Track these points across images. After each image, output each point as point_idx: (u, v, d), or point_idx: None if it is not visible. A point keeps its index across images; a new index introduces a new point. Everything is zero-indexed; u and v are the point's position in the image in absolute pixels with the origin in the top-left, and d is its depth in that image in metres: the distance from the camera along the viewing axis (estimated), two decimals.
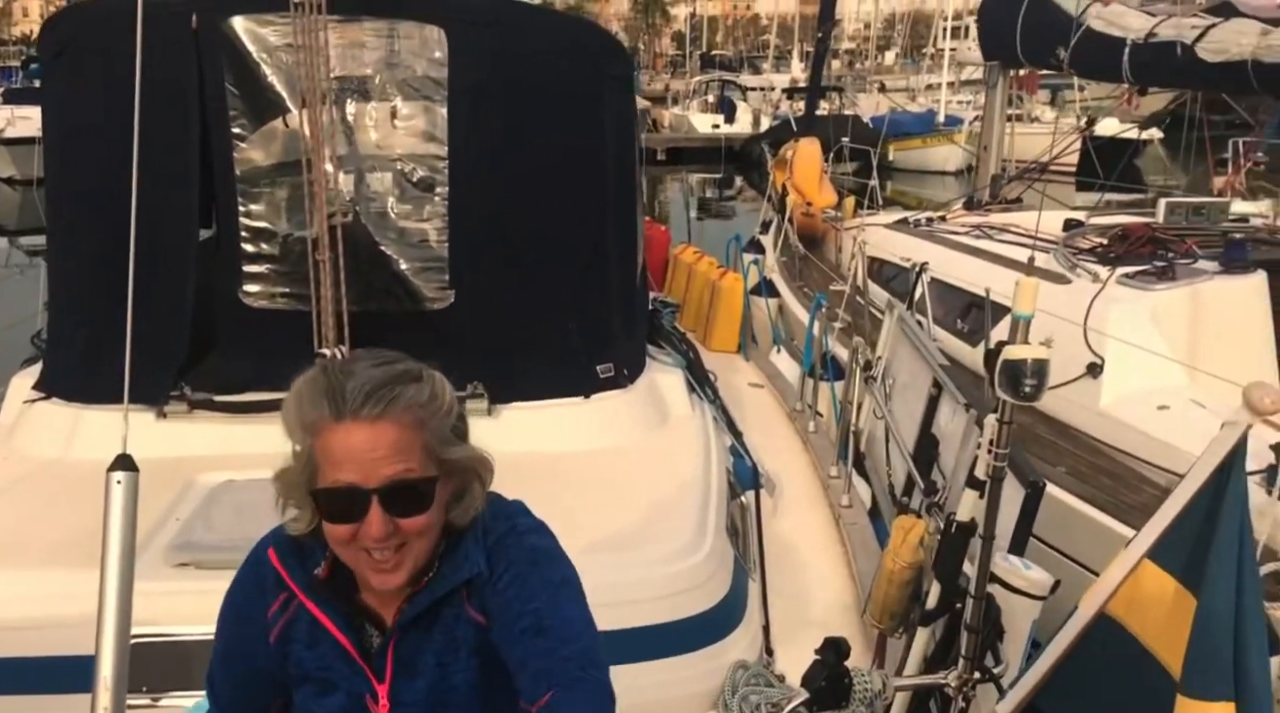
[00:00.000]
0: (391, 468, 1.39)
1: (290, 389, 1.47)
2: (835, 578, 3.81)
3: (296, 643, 1.55)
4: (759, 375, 6.33)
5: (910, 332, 4.08)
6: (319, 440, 1.41)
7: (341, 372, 1.43)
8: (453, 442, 1.47)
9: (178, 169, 3.56)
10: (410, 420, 1.40)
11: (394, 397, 1.39)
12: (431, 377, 1.47)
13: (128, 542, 1.75)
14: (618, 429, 3.73)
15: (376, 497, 1.38)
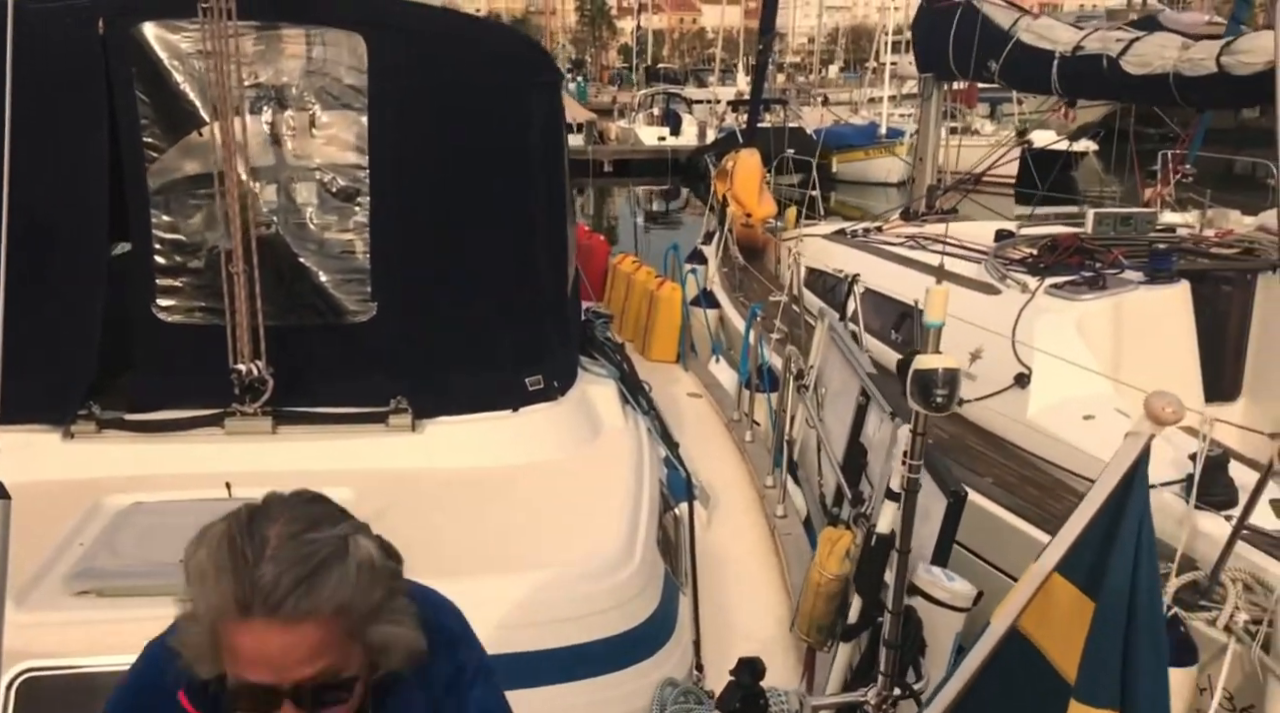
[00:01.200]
0: (308, 669, 1.24)
1: (193, 547, 1.29)
2: (769, 591, 3.78)
3: None
4: (697, 385, 6.31)
5: (839, 340, 4.08)
6: (225, 631, 1.24)
7: (252, 547, 1.22)
8: (379, 617, 1.31)
9: (85, 180, 3.44)
10: (331, 613, 1.23)
11: (315, 590, 1.21)
12: (355, 543, 1.28)
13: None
14: (547, 443, 3.68)
15: (290, 700, 1.25)
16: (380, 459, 3.43)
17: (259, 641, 1.21)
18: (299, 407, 3.50)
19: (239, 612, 1.21)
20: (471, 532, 3.10)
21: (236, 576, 1.20)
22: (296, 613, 1.19)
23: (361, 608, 1.26)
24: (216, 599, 1.23)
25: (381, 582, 1.30)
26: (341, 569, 1.24)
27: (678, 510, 3.92)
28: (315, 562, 1.22)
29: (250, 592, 1.19)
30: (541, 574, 2.92)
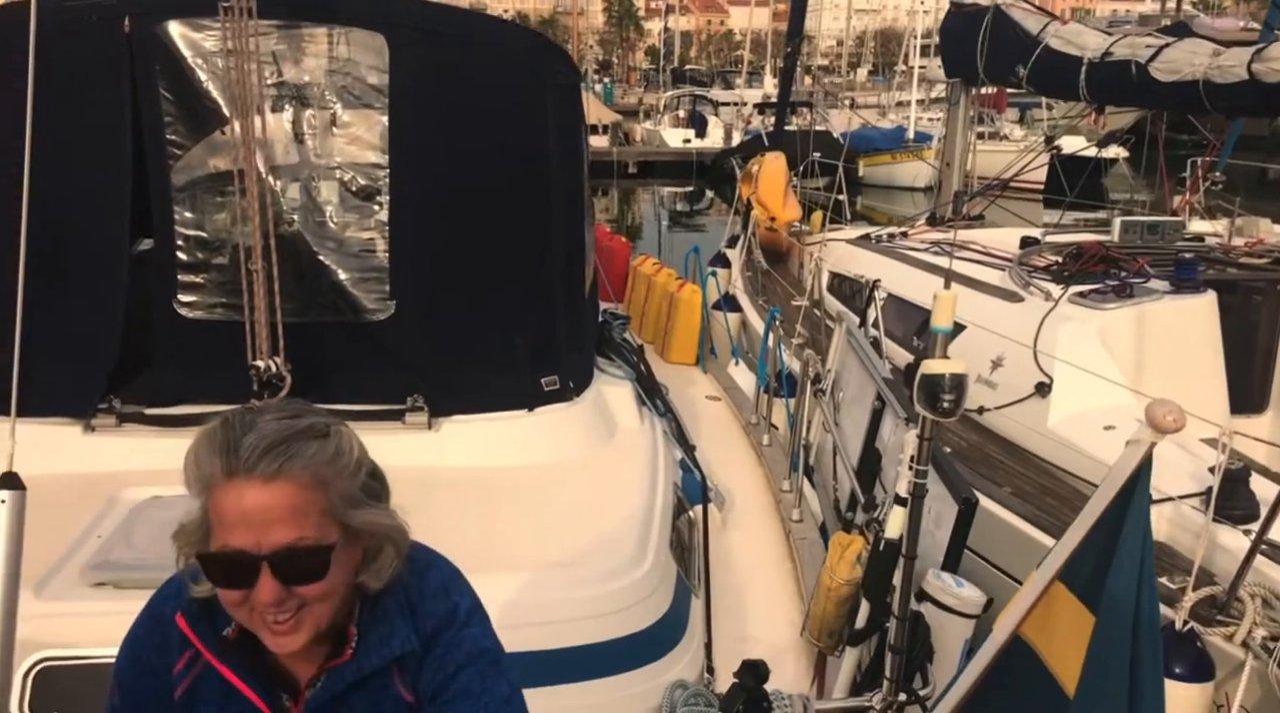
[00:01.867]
0: (285, 533, 1.29)
1: (190, 446, 1.36)
2: (783, 594, 3.76)
3: (205, 704, 1.45)
4: (716, 388, 6.29)
5: (856, 344, 4.06)
6: (212, 498, 1.31)
7: (240, 425, 1.31)
8: (360, 504, 1.36)
9: (108, 177, 3.48)
10: (309, 480, 1.30)
11: (292, 454, 1.28)
12: (339, 433, 1.36)
13: (12, 563, 1.67)
14: (562, 443, 3.68)
15: (267, 564, 1.29)
16: (397, 456, 3.39)
17: (238, 496, 1.27)
18: (316, 403, 3.52)
19: (224, 472, 1.28)
20: (485, 530, 3.12)
21: (225, 446, 1.28)
22: (271, 471, 1.26)
23: (340, 486, 1.32)
24: (206, 470, 1.29)
25: (362, 473, 1.36)
26: (320, 444, 1.31)
27: (692, 513, 3.91)
28: (296, 430, 1.31)
29: (234, 457, 1.27)
30: (554, 574, 2.92)
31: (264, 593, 1.29)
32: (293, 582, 1.30)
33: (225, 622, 1.41)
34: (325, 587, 1.33)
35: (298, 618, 1.32)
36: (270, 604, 1.30)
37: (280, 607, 1.31)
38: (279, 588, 1.29)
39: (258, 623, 1.34)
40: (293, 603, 1.31)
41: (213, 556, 1.31)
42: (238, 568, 1.30)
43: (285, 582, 1.30)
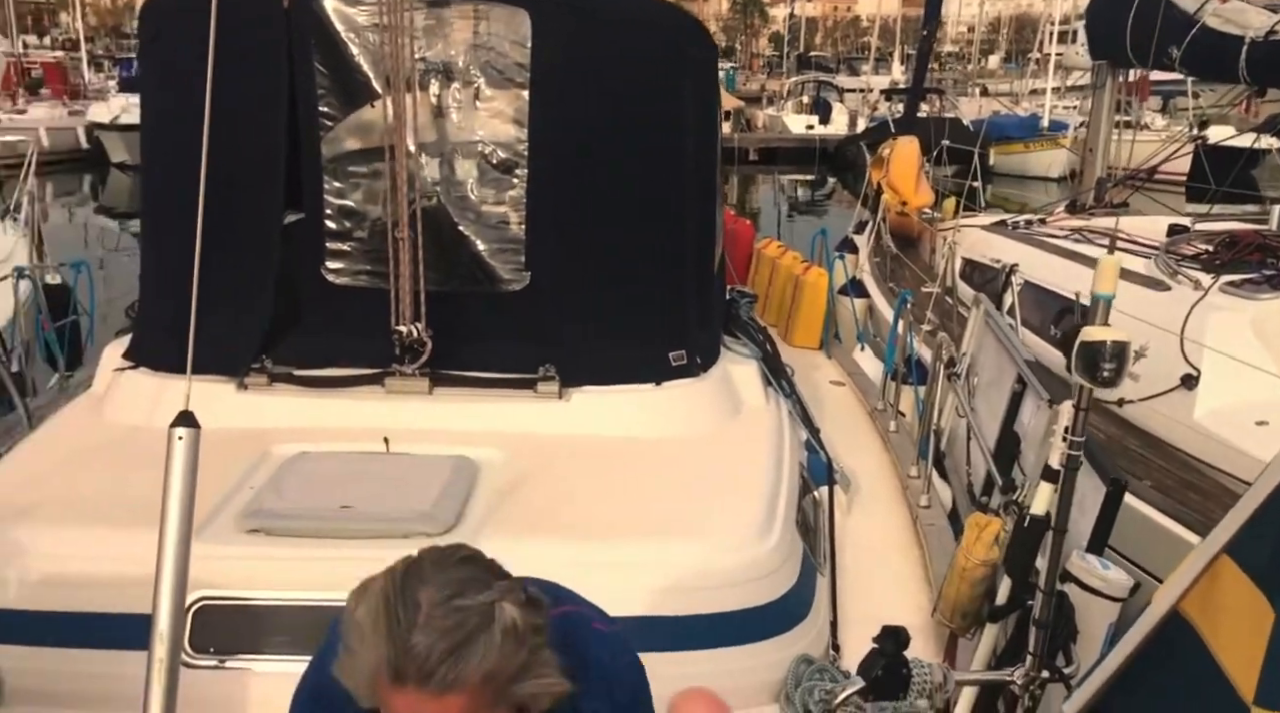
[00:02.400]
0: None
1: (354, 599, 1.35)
2: (909, 578, 3.71)
3: None
4: (841, 373, 6.22)
5: (995, 326, 3.96)
6: (379, 689, 1.32)
7: (405, 615, 1.29)
8: (526, 676, 1.35)
9: (265, 150, 3.65)
10: (479, 682, 1.29)
11: (463, 662, 1.27)
12: (502, 612, 1.32)
13: (187, 496, 1.77)
14: (689, 417, 3.70)
15: None
16: (528, 424, 3.53)
17: (411, 708, 1.29)
18: (454, 369, 3.63)
19: (392, 677, 1.28)
20: (612, 497, 3.16)
21: (391, 640, 1.27)
22: (445, 684, 1.26)
23: (506, 672, 1.31)
24: (373, 660, 1.29)
25: (526, 643, 1.34)
26: (488, 638, 1.29)
27: (817, 493, 3.90)
28: (463, 633, 1.28)
29: (403, 659, 1.26)
30: (681, 542, 2.95)
31: None
32: None
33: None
34: None
35: None
36: None
37: None
38: None
39: None
40: None
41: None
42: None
43: None
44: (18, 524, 2.89)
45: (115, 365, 3.79)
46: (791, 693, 2.84)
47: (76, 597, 2.72)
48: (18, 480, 3.18)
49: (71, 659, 2.70)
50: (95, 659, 2.66)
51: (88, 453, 3.34)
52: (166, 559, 1.76)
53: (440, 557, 1.36)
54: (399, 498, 2.95)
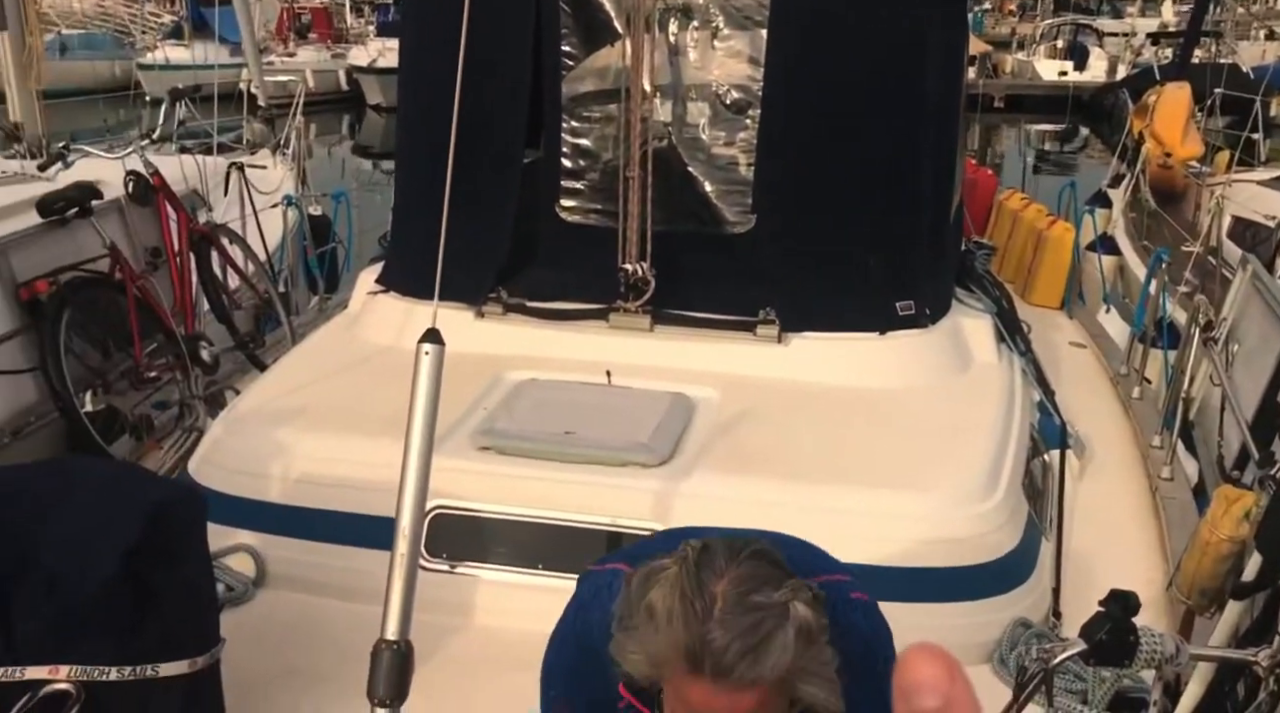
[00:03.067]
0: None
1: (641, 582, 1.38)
2: (1143, 551, 3.50)
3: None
4: (1082, 335, 5.86)
5: (1265, 289, 3.61)
6: (671, 674, 1.34)
7: (702, 606, 1.30)
8: (813, 673, 1.35)
9: (511, 90, 3.79)
10: (777, 680, 1.31)
11: (761, 661, 1.28)
12: (795, 612, 1.32)
13: (431, 408, 1.90)
14: (914, 370, 3.60)
15: None
16: (746, 366, 3.54)
17: (706, 697, 1.31)
18: (675, 309, 3.69)
19: (689, 665, 1.30)
20: (830, 445, 3.13)
21: (688, 629, 1.29)
22: (743, 682, 1.28)
23: (795, 672, 1.32)
24: (667, 647, 1.32)
25: (815, 643, 1.35)
26: (783, 638, 1.29)
27: (1048, 457, 3.73)
28: (762, 633, 1.28)
29: (701, 650, 1.28)
30: (902, 495, 2.90)
31: None
32: None
33: None
34: None
35: None
36: None
37: None
38: None
39: None
40: None
41: None
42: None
43: None
44: (281, 428, 3.20)
45: (369, 290, 4.08)
46: (1006, 656, 2.76)
47: (329, 496, 2.99)
48: (281, 390, 3.50)
49: (323, 553, 2.98)
50: (343, 555, 2.93)
51: (342, 368, 3.63)
52: (410, 466, 1.90)
53: (731, 550, 1.37)
54: (618, 428, 3.04)
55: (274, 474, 3.10)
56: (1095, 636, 1.67)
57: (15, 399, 3.91)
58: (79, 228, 4.24)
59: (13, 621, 2.00)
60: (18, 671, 1.96)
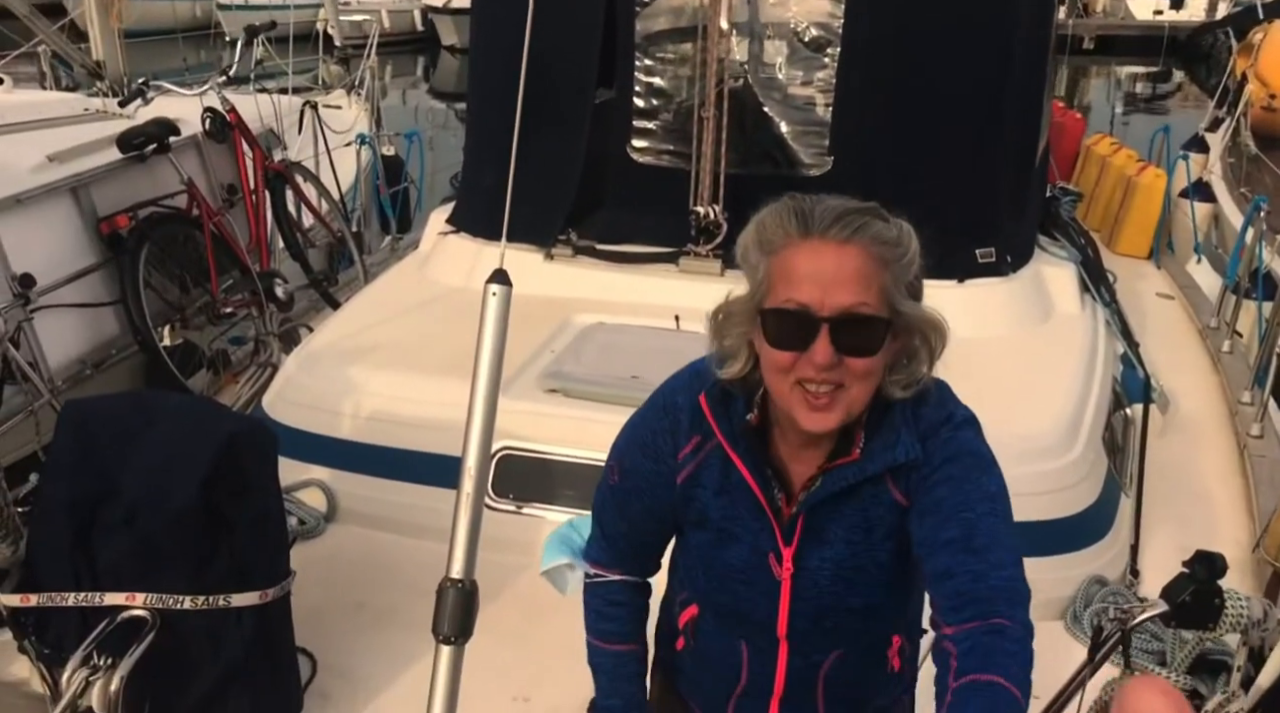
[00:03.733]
0: (848, 296, 1.29)
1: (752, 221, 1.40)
2: (1230, 511, 3.38)
3: (704, 489, 1.49)
4: (1170, 286, 5.65)
5: None
6: (778, 258, 1.34)
7: (809, 199, 1.35)
8: (912, 295, 1.35)
9: (584, 28, 3.71)
10: (875, 254, 1.31)
11: (864, 224, 1.31)
12: (899, 223, 1.35)
13: (498, 349, 1.88)
14: (993, 319, 3.51)
15: (827, 327, 1.29)
16: None
17: (812, 253, 1.30)
18: None
19: (799, 232, 1.31)
20: None
21: (799, 213, 1.32)
22: (846, 234, 1.29)
23: (898, 271, 1.32)
24: (779, 232, 1.33)
25: (915, 270, 1.35)
26: (885, 226, 1.32)
27: (1130, 411, 3.61)
28: (865, 208, 1.33)
29: (810, 221, 1.31)
30: None
31: (818, 354, 1.30)
32: (847, 350, 1.31)
33: (739, 411, 1.46)
34: (871, 364, 1.33)
35: (834, 396, 1.33)
36: (821, 366, 1.30)
37: (828, 373, 1.31)
38: (832, 352, 1.30)
39: (795, 398, 1.35)
40: (837, 375, 1.32)
41: (776, 311, 1.33)
42: (798, 324, 1.31)
43: (840, 349, 1.30)
44: (352, 366, 3.23)
45: (439, 230, 4.08)
46: (1080, 613, 2.69)
47: (399, 434, 3.01)
48: (353, 328, 3.53)
49: (392, 490, 3.01)
50: (412, 492, 2.96)
51: (413, 308, 3.64)
52: (476, 407, 1.88)
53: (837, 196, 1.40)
54: None
55: (345, 411, 3.13)
56: (1178, 597, 1.61)
57: (96, 332, 4.00)
58: (157, 164, 4.30)
59: (95, 548, 2.06)
60: (98, 596, 2.02)
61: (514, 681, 2.42)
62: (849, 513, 1.42)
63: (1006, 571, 1.30)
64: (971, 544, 1.30)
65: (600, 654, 1.67)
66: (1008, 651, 1.25)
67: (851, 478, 1.40)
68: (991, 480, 1.37)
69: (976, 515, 1.32)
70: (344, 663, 2.47)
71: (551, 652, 2.41)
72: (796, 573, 1.45)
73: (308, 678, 2.40)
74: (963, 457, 1.38)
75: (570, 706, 2.27)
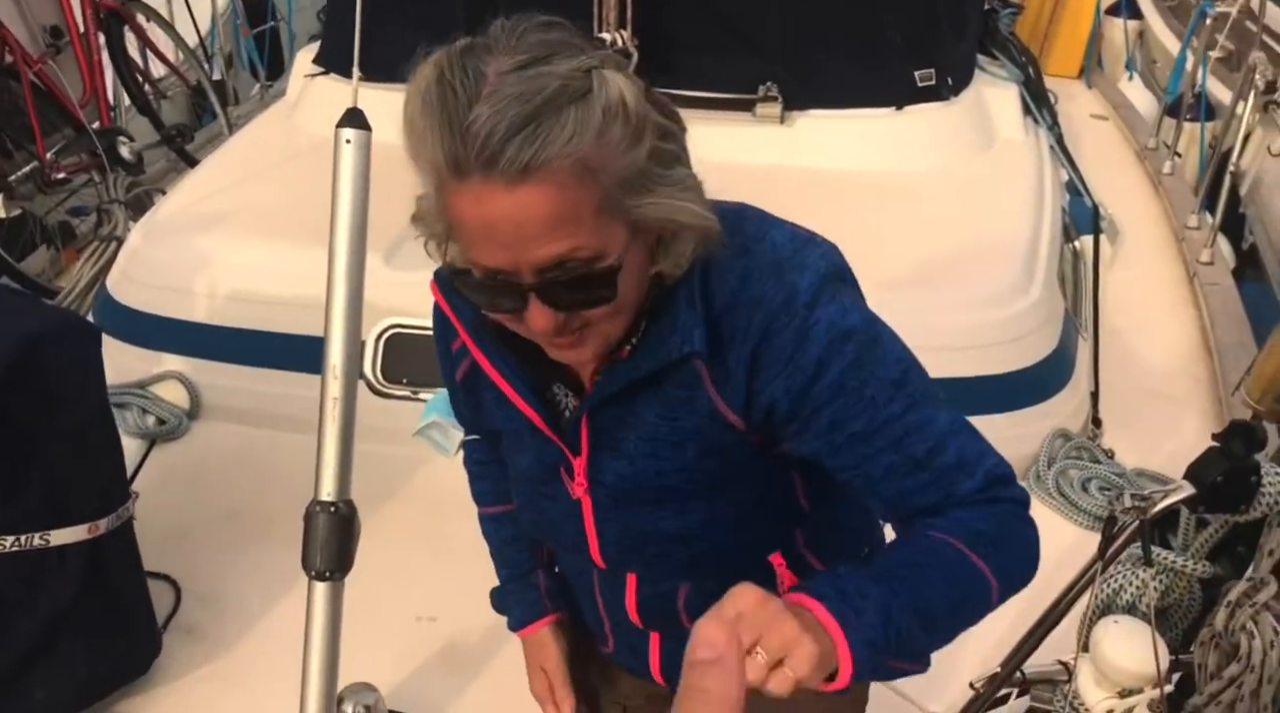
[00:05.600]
0: (551, 248, 0.91)
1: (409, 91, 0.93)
2: (1185, 346, 3.19)
3: (484, 392, 1.18)
4: (1103, 106, 5.38)
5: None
6: (445, 198, 0.93)
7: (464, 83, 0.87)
8: (647, 185, 0.95)
9: None
10: (571, 172, 0.89)
11: (543, 138, 0.87)
12: (603, 84, 0.90)
13: (359, 206, 1.48)
14: (935, 148, 3.20)
15: (535, 293, 0.94)
16: (745, 151, 3.09)
17: (478, 205, 0.89)
18: (661, 87, 3.15)
19: (453, 170, 0.88)
20: (843, 240, 2.72)
21: (447, 121, 0.88)
22: (519, 165, 0.86)
23: (616, 169, 0.91)
24: (429, 157, 0.90)
25: (644, 139, 0.93)
26: (581, 111, 0.88)
27: (1078, 243, 3.37)
28: (542, 99, 0.87)
29: (463, 142, 0.87)
30: (923, 295, 2.54)
31: (536, 322, 0.96)
32: (571, 307, 0.96)
33: None
34: (613, 308, 0.97)
35: (583, 335, 0.99)
36: (546, 332, 0.97)
37: (560, 331, 0.97)
38: (553, 315, 0.95)
39: (537, 339, 1.02)
40: (575, 323, 0.98)
41: (466, 276, 0.97)
42: (496, 291, 0.96)
43: (561, 307, 0.95)
44: (208, 235, 2.77)
45: (306, 72, 3.55)
46: (1043, 472, 2.47)
47: (266, 315, 2.59)
48: (209, 191, 3.04)
49: (263, 379, 2.60)
50: (285, 381, 2.55)
51: (279, 164, 3.15)
52: (338, 275, 1.50)
53: (516, 23, 0.92)
54: None
55: (201, 289, 2.68)
56: (1210, 478, 1.32)
57: None
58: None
59: None
60: None
61: (417, 597, 2.09)
62: (650, 420, 1.06)
63: (979, 464, 1.03)
64: (913, 455, 1.01)
65: (483, 521, 1.42)
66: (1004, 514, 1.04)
67: (622, 380, 1.04)
68: (888, 365, 1.01)
69: (900, 422, 1.00)
70: (213, 589, 2.11)
71: (461, 561, 2.07)
72: (593, 489, 1.13)
73: (170, 610, 2.04)
74: (837, 350, 0.99)
75: (482, 626, 1.96)
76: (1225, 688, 1.38)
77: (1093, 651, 1.42)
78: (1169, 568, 1.45)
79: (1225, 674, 1.38)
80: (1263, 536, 1.39)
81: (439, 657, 1.94)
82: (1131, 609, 1.47)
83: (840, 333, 0.99)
